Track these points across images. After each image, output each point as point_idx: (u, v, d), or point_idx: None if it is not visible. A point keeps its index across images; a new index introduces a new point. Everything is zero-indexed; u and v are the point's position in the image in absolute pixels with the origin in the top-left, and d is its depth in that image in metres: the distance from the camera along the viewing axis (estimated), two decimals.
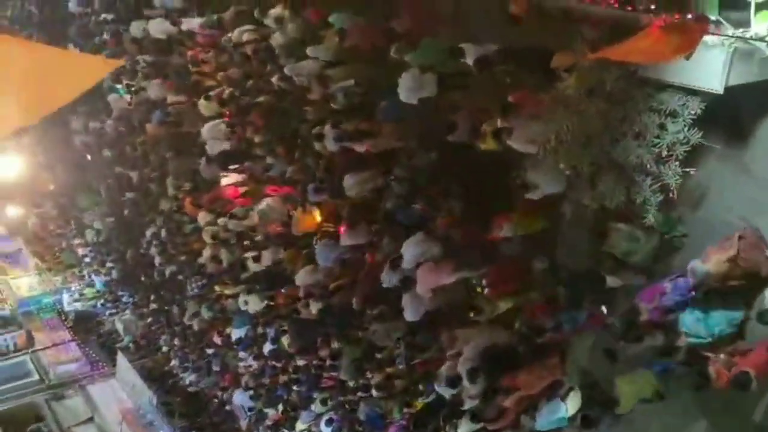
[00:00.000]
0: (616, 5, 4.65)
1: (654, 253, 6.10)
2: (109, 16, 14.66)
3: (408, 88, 7.12)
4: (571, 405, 6.50)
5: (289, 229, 9.96)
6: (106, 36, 14.91)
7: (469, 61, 6.23)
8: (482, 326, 7.50)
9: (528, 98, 5.85)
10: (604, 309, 6.48)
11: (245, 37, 9.82)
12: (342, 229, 8.95)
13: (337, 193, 8.53)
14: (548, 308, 6.82)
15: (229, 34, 10.24)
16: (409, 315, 7.92)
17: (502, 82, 6.34)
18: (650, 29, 4.33)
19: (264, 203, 10.32)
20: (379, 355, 9.06)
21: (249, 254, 10.75)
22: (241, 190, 11.54)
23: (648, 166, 5.72)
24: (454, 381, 7.20)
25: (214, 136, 11.08)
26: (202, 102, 11.24)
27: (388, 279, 8.01)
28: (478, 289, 7.50)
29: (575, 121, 5.67)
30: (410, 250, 7.65)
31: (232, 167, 11.62)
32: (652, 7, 4.50)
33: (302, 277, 9.80)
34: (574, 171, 5.98)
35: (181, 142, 12.86)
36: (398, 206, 8.08)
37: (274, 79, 8.98)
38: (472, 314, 7.29)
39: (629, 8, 4.59)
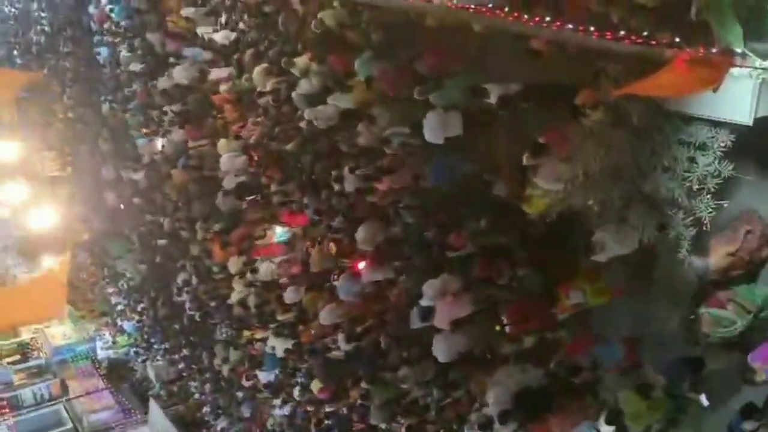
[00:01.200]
0: (639, 41, 4.65)
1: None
2: (138, 68, 15.17)
3: (433, 128, 7.19)
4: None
5: (308, 268, 10.06)
6: (136, 87, 15.51)
7: (492, 100, 6.28)
8: (512, 366, 7.39)
9: (557, 137, 5.84)
10: (704, 398, 6.03)
11: (269, 86, 10.07)
12: (360, 265, 8.98)
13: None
14: (584, 346, 6.69)
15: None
16: (441, 356, 7.83)
17: (525, 121, 6.37)
18: (675, 63, 4.32)
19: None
20: (408, 399, 8.95)
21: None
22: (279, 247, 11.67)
23: (679, 199, 5.65)
24: (485, 425, 7.05)
25: (230, 168, 11.38)
26: (221, 142, 11.58)
27: (416, 320, 7.97)
28: (498, 328, 7.40)
29: (602, 155, 5.65)
30: (430, 287, 7.65)
31: (248, 198, 11.83)
32: (677, 40, 4.50)
33: (326, 315, 9.80)
34: (603, 206, 5.92)
35: (204, 185, 13.17)
36: (410, 234, 8.13)
37: (302, 124, 9.13)
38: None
39: (653, 43, 4.59)
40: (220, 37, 11.58)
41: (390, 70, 7.91)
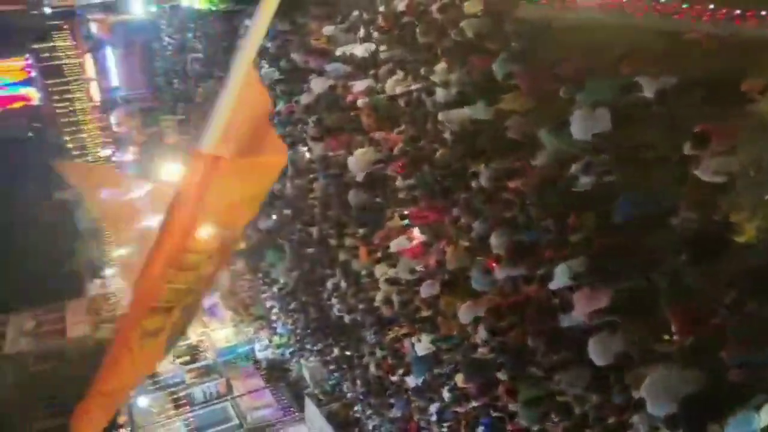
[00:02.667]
0: None
1: None
2: (280, 88, 16.09)
3: (580, 125, 7.04)
4: (765, 416, 5.84)
5: (444, 265, 10.15)
6: (280, 106, 16.46)
7: (648, 94, 6.05)
8: (670, 365, 7.03)
9: (718, 127, 5.53)
10: None
11: (398, 89, 10.35)
12: (494, 262, 8.95)
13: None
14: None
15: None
16: (597, 359, 7.61)
17: (685, 114, 6.06)
18: None
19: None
20: (561, 398, 8.74)
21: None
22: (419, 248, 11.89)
23: None
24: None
25: (359, 166, 11.81)
26: (359, 151, 12.06)
27: (566, 320, 7.82)
28: (666, 337, 7.03)
29: None
30: (559, 273, 7.48)
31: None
32: None
33: (465, 312, 9.83)
34: None
35: (346, 191, 13.71)
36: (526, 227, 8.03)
37: (446, 135, 9.28)
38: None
39: None
40: (360, 50, 12.03)
41: (530, 70, 7.85)
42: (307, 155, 15.41)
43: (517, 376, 9.25)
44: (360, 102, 12.12)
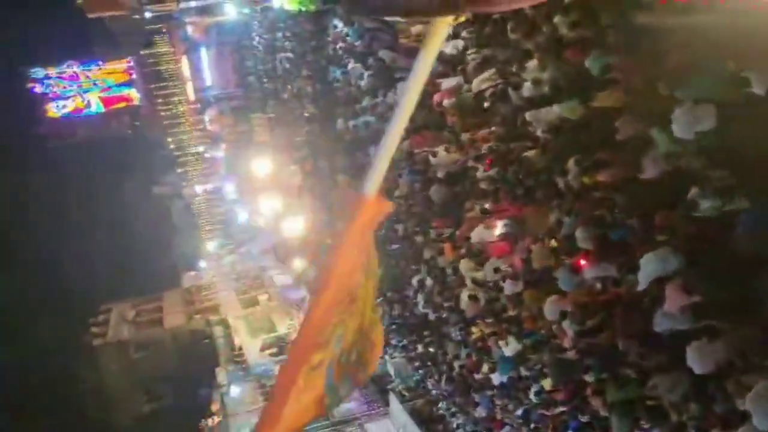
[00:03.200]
0: None
1: None
2: (368, 84, 16.29)
3: (683, 123, 6.74)
4: None
5: (529, 264, 9.99)
6: (366, 102, 16.68)
7: (759, 91, 5.71)
8: None
9: None
10: None
11: (484, 85, 10.24)
12: (582, 261, 8.70)
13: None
14: None
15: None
16: (696, 367, 7.28)
17: None
18: None
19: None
20: (654, 402, 8.43)
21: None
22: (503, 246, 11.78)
23: None
24: None
25: (446, 163, 11.80)
26: (441, 152, 11.97)
27: (660, 323, 7.52)
28: None
29: None
30: (646, 267, 7.19)
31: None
32: None
33: (550, 308, 9.63)
34: None
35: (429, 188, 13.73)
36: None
37: (538, 133, 9.15)
38: None
39: None
40: (449, 48, 11.98)
41: (629, 64, 7.59)
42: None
43: (607, 378, 9.00)
44: (446, 102, 12.11)
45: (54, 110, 47.07)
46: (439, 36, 1.69)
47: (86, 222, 51.83)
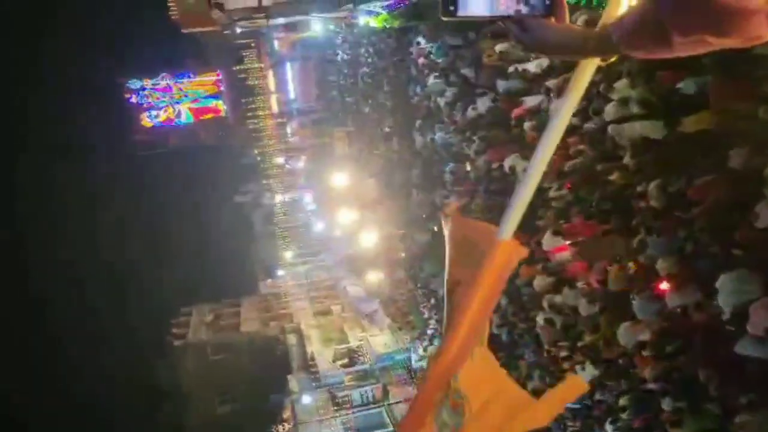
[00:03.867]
0: None
1: None
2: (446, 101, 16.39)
3: None
4: None
5: (606, 285, 9.70)
6: (445, 118, 16.77)
7: None
8: None
9: None
10: None
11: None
12: (662, 285, 8.36)
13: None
14: None
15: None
16: None
17: None
18: None
19: None
20: None
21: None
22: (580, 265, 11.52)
23: None
24: None
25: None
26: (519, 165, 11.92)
27: (745, 347, 7.13)
28: None
29: None
30: (725, 292, 6.90)
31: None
32: None
33: (624, 333, 9.28)
34: None
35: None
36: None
37: (624, 156, 8.94)
38: None
39: None
40: (533, 66, 11.89)
41: (726, 85, 7.31)
42: (468, 168, 15.57)
43: (684, 408, 8.62)
44: (527, 125, 12.05)
45: (147, 119, 49.52)
46: (587, 76, 1.62)
47: (171, 227, 54.16)
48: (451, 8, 1.45)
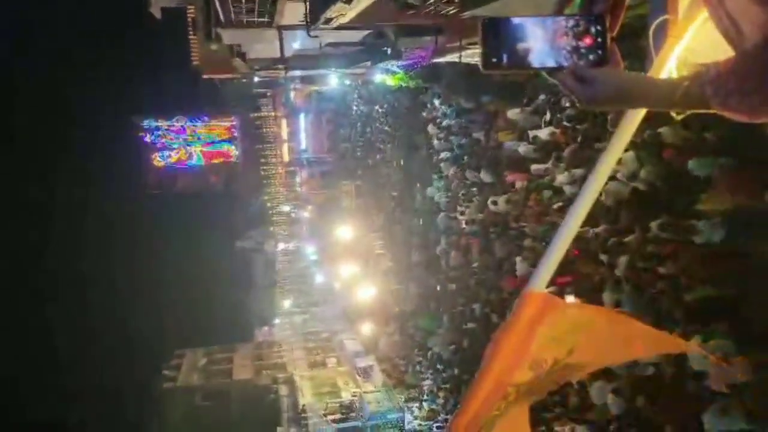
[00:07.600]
0: None
1: None
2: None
3: None
4: None
5: None
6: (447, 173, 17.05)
7: None
8: None
9: None
10: None
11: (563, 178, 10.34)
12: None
13: None
14: None
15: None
16: None
17: None
18: None
19: None
20: None
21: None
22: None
23: None
24: None
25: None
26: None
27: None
28: None
29: None
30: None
31: None
32: None
33: (597, 393, 9.26)
34: None
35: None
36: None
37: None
38: None
39: None
40: (545, 133, 12.09)
41: (736, 169, 7.41)
42: (463, 224, 15.94)
43: None
44: (518, 185, 12.32)
45: (159, 159, 49.92)
46: (634, 127, 1.58)
47: (170, 270, 53.97)
48: (494, 60, 1.35)
